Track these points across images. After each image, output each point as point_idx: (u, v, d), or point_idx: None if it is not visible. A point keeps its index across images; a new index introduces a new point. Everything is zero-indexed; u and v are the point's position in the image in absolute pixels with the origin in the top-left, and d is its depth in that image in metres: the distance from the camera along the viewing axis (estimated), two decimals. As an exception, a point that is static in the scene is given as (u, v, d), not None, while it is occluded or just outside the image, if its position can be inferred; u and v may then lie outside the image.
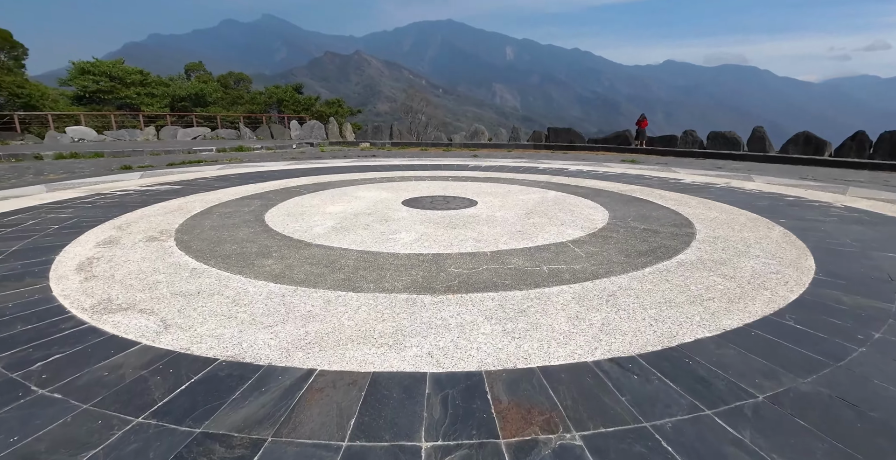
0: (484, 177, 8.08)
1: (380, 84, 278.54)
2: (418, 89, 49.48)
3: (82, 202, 5.73)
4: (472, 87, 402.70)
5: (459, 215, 4.83)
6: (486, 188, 6.79)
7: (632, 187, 7.01)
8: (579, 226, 4.41)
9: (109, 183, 7.45)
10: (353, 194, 6.15)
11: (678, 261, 3.34)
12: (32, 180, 8.19)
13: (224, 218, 4.75)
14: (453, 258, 3.37)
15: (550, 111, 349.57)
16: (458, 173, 8.69)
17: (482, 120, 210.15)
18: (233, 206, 5.37)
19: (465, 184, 7.25)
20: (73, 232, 4.23)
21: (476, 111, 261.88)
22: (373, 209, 5.13)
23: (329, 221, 4.54)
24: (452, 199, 5.78)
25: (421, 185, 7.01)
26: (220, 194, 6.26)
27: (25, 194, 6.39)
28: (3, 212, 5.09)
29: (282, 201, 5.67)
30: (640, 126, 16.27)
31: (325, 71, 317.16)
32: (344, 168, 9.58)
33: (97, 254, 3.54)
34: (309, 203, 5.53)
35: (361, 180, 7.60)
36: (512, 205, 5.47)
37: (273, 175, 8.37)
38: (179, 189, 6.81)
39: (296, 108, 25.78)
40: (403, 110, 40.89)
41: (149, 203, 5.67)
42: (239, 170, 9.30)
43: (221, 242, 3.82)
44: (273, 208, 5.23)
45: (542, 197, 6.06)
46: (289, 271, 3.09)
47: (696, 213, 5.02)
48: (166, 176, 8.31)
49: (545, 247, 3.67)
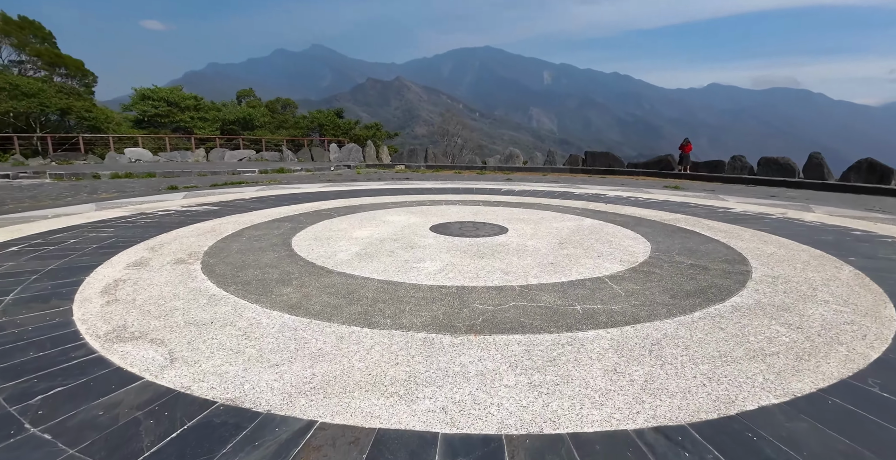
0: (516, 202, 7.86)
1: (418, 108, 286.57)
2: (455, 113, 50.34)
3: (125, 221, 5.94)
4: (508, 110, 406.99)
5: (488, 243, 4.62)
6: (518, 214, 6.56)
7: (676, 216, 6.58)
8: (618, 259, 4.09)
9: (154, 203, 7.76)
10: (382, 218, 6.08)
11: (733, 304, 2.97)
12: (86, 198, 8.67)
13: (252, 241, 4.75)
14: (478, 292, 3.15)
15: (588, 134, 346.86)
16: (490, 198, 8.52)
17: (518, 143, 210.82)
18: (263, 229, 5.39)
19: (497, 209, 7.05)
20: (108, 252, 4.33)
21: (512, 134, 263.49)
22: (399, 234, 5.00)
23: (354, 247, 4.44)
24: (482, 226, 5.59)
25: (451, 210, 6.87)
26: (253, 216, 6.34)
27: (76, 212, 6.72)
28: (50, 230, 5.32)
29: (311, 224, 5.65)
30: (684, 150, 15.64)
31: (367, 96, 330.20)
32: (376, 191, 9.62)
33: (125, 276, 3.56)
34: (337, 227, 5.48)
35: (392, 204, 7.55)
36: (544, 233, 5.20)
37: (307, 197, 8.48)
38: (217, 210, 6.98)
39: (336, 131, 26.70)
40: (440, 133, 41.58)
41: (185, 223, 5.80)
42: (276, 191, 9.52)
43: (245, 267, 3.78)
44: (301, 232, 5.21)
45: (577, 225, 5.76)
46: (305, 301, 2.97)
47: (750, 248, 4.58)
48: (207, 196, 8.59)
49: (580, 282, 3.38)
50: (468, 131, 42.60)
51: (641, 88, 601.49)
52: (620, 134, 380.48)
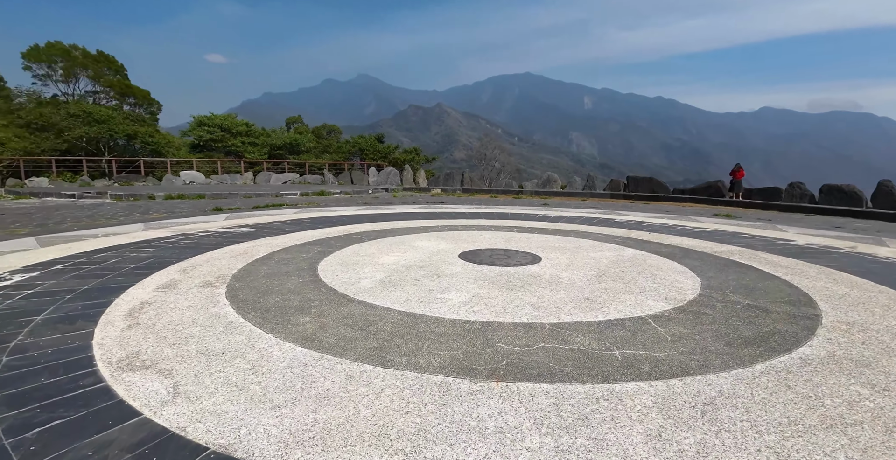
0: (552, 229, 7.55)
1: (458, 133, 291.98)
2: (493, 137, 50.71)
3: (166, 242, 6.13)
4: (547, 135, 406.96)
5: (519, 274, 4.36)
6: (553, 242, 6.26)
7: (728, 248, 6.06)
8: (663, 295, 3.72)
9: (197, 224, 8.04)
10: (411, 243, 5.95)
11: (801, 356, 2.56)
12: (137, 218, 9.15)
13: (280, 265, 4.73)
14: (504, 329, 2.90)
15: (630, 159, 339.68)
16: (525, 223, 8.25)
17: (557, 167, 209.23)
18: (293, 252, 5.39)
19: (531, 236, 6.78)
20: (143, 273, 4.41)
21: (551, 158, 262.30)
22: (427, 261, 4.84)
23: (379, 273, 4.31)
24: (514, 254, 5.33)
25: (483, 236, 6.66)
26: (286, 239, 6.40)
27: (125, 232, 7.05)
28: (96, 249, 5.56)
29: (340, 249, 5.61)
30: (736, 176, 14.79)
31: (409, 122, 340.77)
32: (409, 214, 9.58)
33: (152, 299, 3.57)
34: (365, 251, 5.40)
35: (423, 228, 7.45)
36: (581, 263, 4.88)
37: (341, 220, 8.55)
38: (254, 232, 7.11)
39: (376, 155, 27.45)
40: (477, 157, 41.88)
41: (221, 245, 5.91)
42: (312, 214, 9.68)
43: (268, 292, 3.71)
44: (329, 256, 5.16)
45: (617, 255, 5.40)
46: (321, 333, 2.82)
47: (817, 287, 4.07)
48: (247, 218, 8.84)
49: (619, 322, 3.06)
50: (506, 155, 42.68)
51: (687, 112, 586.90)
52: (665, 159, 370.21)
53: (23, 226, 8.19)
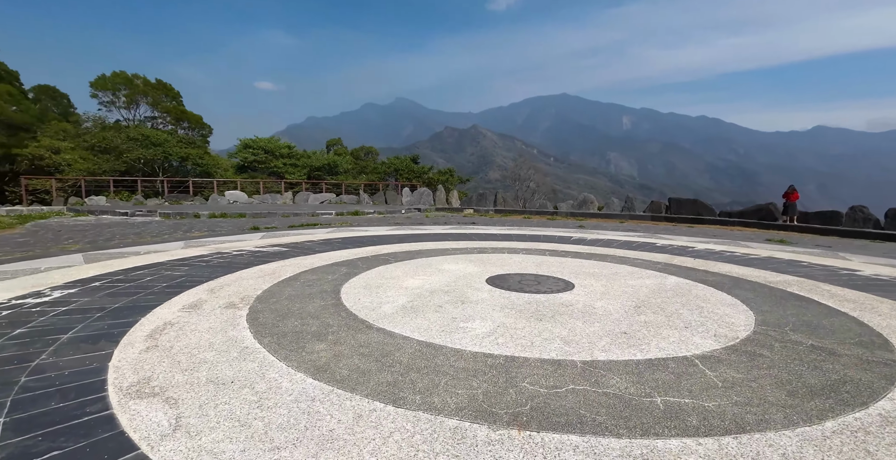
0: (587, 253, 7.20)
1: (493, 154, 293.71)
2: (527, 158, 50.48)
3: (200, 260, 6.27)
4: (584, 155, 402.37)
5: (550, 302, 4.09)
6: (589, 267, 5.93)
7: (785, 277, 5.52)
8: (711, 332, 3.35)
9: (233, 242, 8.24)
10: (438, 266, 5.79)
11: (881, 412, 2.17)
12: (180, 236, 9.51)
13: (305, 286, 4.68)
14: (530, 366, 2.65)
15: (672, 179, 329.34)
16: (559, 246, 7.93)
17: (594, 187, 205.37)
18: (320, 273, 5.35)
19: (564, 260, 6.47)
20: (173, 291, 4.47)
21: (588, 179, 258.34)
22: (452, 286, 4.65)
23: (402, 298, 4.16)
24: (545, 279, 5.06)
25: (513, 259, 6.42)
26: (315, 259, 6.40)
27: (165, 249, 7.29)
28: (135, 267, 5.74)
29: (366, 270, 5.52)
30: (789, 199, 13.85)
31: (444, 143, 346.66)
32: (439, 235, 9.47)
33: (175, 319, 3.57)
34: (390, 274, 5.29)
35: (452, 250, 7.29)
36: (618, 292, 4.55)
37: (371, 240, 8.54)
38: (285, 251, 7.19)
39: (411, 175, 27.85)
40: (512, 178, 41.70)
41: (252, 264, 5.97)
42: (344, 234, 9.75)
43: (288, 315, 3.64)
44: (354, 278, 5.07)
45: (658, 283, 5.01)
46: (335, 363, 2.68)
47: (892, 326, 3.57)
48: (281, 237, 9.00)
49: (661, 362, 2.75)
50: (541, 175, 42.28)
51: (733, 132, 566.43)
52: (710, 179, 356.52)
53: (75, 242, 8.67)
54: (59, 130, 29.79)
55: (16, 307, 3.92)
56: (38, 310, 3.82)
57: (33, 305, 3.99)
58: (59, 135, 28.62)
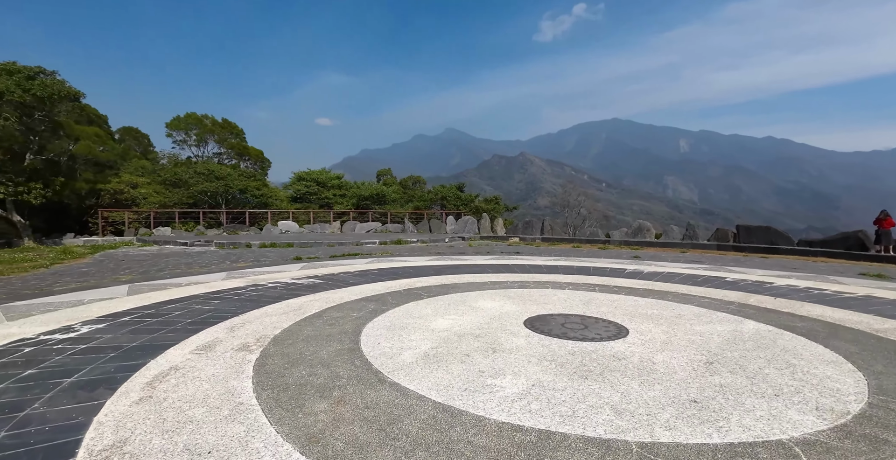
0: (644, 289, 6.41)
1: (541, 181, 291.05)
2: (576, 184, 49.13)
3: (234, 293, 6.19)
4: (638, 180, 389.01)
5: (598, 353, 3.47)
6: (646, 307, 5.19)
7: (894, 324, 4.51)
8: (811, 403, 2.60)
9: (272, 273, 8.23)
10: (473, 303, 5.30)
11: None
12: (226, 266, 9.70)
13: (327, 325, 4.36)
14: (570, 447, 2.09)
15: (737, 204, 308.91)
16: (610, 281, 7.18)
17: (651, 213, 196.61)
18: (345, 310, 5.04)
19: (617, 298, 5.75)
20: (194, 329, 4.31)
21: (643, 204, 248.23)
22: (485, 328, 4.14)
23: (426, 343, 3.70)
24: (593, 322, 4.42)
25: (557, 296, 5.79)
26: (346, 293, 6.13)
27: (205, 281, 7.35)
28: (170, 300, 5.72)
29: (395, 307, 5.15)
30: (882, 226, 12.11)
31: (492, 171, 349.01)
32: (479, 267, 8.97)
33: (183, 363, 3.33)
34: (419, 312, 4.86)
35: (491, 284, 6.77)
36: (683, 341, 3.83)
37: (407, 272, 8.21)
38: (319, 284, 7.01)
39: (457, 203, 27.76)
40: (560, 204, 40.55)
41: (283, 298, 5.80)
42: (382, 264, 9.52)
43: (299, 362, 3.30)
44: (380, 316, 4.70)
45: (733, 330, 4.22)
46: (331, 430, 2.26)
47: None
48: (320, 268, 8.90)
49: (747, 449, 2.08)
50: (591, 201, 40.80)
51: (805, 152, 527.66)
52: (780, 204, 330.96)
53: (130, 272, 9.05)
54: (139, 167, 32.87)
55: (40, 343, 3.88)
56: (58, 348, 3.74)
57: (57, 341, 3.94)
58: (138, 172, 31.52)
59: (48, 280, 8.06)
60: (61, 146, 28.18)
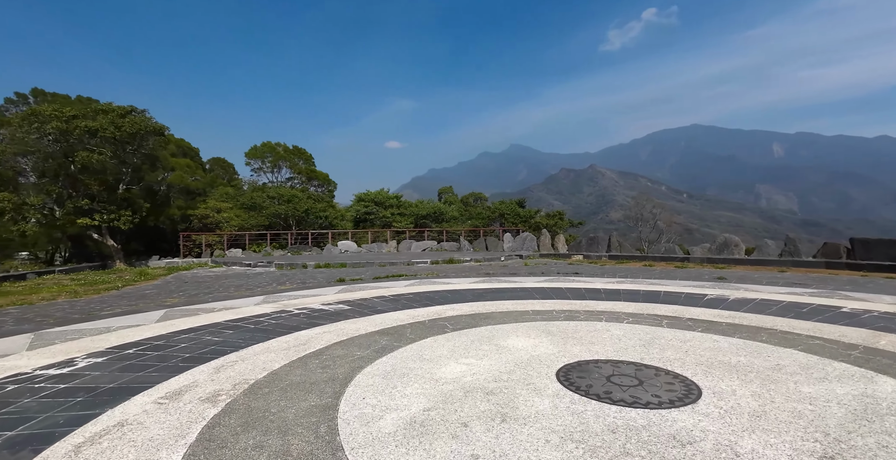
0: (728, 324, 5.09)
1: (613, 193, 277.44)
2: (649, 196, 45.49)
3: (253, 322, 5.85)
4: (724, 190, 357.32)
5: (652, 430, 2.46)
6: (729, 351, 3.97)
7: None
8: None
9: (306, 298, 7.91)
10: (502, 341, 4.41)
11: None
12: (270, 289, 9.63)
13: (320, 368, 3.74)
14: None
15: (847, 214, 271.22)
16: (684, 311, 5.87)
17: (741, 225, 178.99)
18: (352, 347, 4.40)
19: (691, 336, 4.54)
20: (182, 367, 3.91)
21: (732, 216, 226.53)
22: (503, 381, 3.26)
23: (420, 401, 2.92)
24: (653, 376, 3.35)
25: (611, 332, 4.70)
26: (365, 323, 5.53)
27: (238, 306, 7.17)
28: (189, 328, 5.48)
29: (409, 344, 4.41)
30: None
31: (560, 185, 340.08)
32: (527, 291, 7.97)
33: (134, 417, 2.86)
34: (433, 353, 4.07)
35: (533, 313, 5.80)
36: (785, 413, 2.67)
37: (444, 297, 7.46)
38: (345, 310, 6.50)
39: (516, 220, 26.63)
40: (633, 218, 37.65)
41: (297, 329, 5.34)
42: (422, 287, 8.86)
43: (254, 425, 2.67)
44: (386, 356, 3.99)
45: (862, 394, 2.94)
46: None
47: None
48: (356, 292, 8.46)
49: None
50: (668, 214, 37.40)
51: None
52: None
53: (182, 295, 9.26)
54: (224, 193, 35.79)
55: (28, 380, 3.67)
56: (38, 387, 3.48)
57: (45, 378, 3.70)
58: (223, 198, 34.30)
59: (107, 303, 8.40)
60: (157, 176, 31.47)
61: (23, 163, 17.37)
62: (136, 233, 33.50)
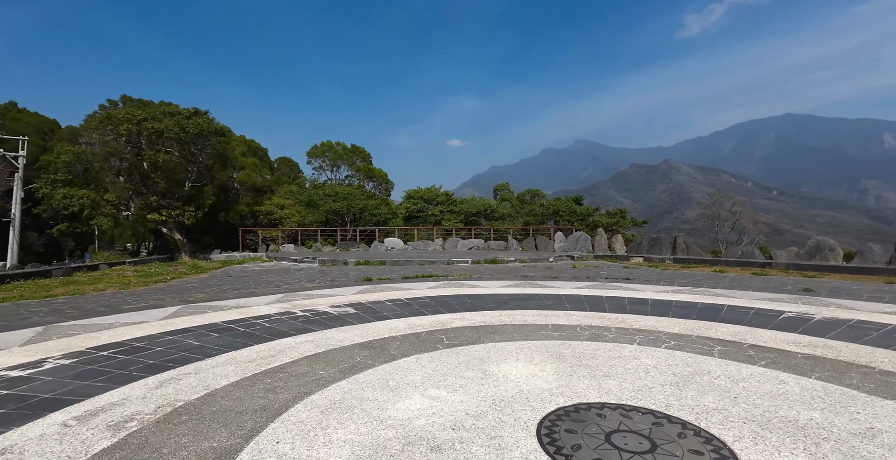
0: (805, 355, 3.87)
1: (690, 190, 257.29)
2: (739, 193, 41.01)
3: (248, 324, 5.52)
4: (823, 186, 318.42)
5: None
6: (799, 401, 2.86)
7: None
8: None
9: (321, 298, 7.55)
10: (492, 367, 3.60)
11: None
12: (297, 287, 9.45)
13: (263, 392, 3.20)
14: None
15: None
16: (748, 334, 4.65)
17: (842, 226, 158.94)
18: (318, 364, 3.83)
19: (749, 372, 3.43)
20: (128, 378, 3.57)
21: (832, 215, 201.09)
22: (461, 432, 2.47)
23: (336, 458, 2.24)
24: (674, 437, 2.39)
25: (640, 360, 3.71)
26: (353, 332, 4.96)
27: (250, 305, 6.95)
28: (178, 329, 5.25)
29: (380, 365, 3.75)
30: None
31: (629, 182, 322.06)
32: (559, 299, 6.99)
33: (22, 445, 2.48)
34: (397, 380, 3.36)
35: (551, 329, 4.89)
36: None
37: (462, 303, 6.72)
38: (348, 315, 6.01)
39: (571, 218, 24.98)
40: (708, 217, 34.11)
41: (285, 335, 4.91)
42: (443, 291, 8.17)
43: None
44: (344, 381, 3.36)
45: None
46: None
47: None
48: (375, 293, 7.98)
49: None
50: (751, 213, 33.38)
51: None
52: None
53: (214, 289, 9.36)
54: (288, 191, 37.53)
55: (-21, 383, 3.50)
56: (-22, 393, 3.28)
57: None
58: (286, 195, 35.94)
59: (143, 296, 8.63)
60: (227, 175, 33.58)
61: (105, 164, 19.04)
62: (209, 229, 36.08)
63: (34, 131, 30.31)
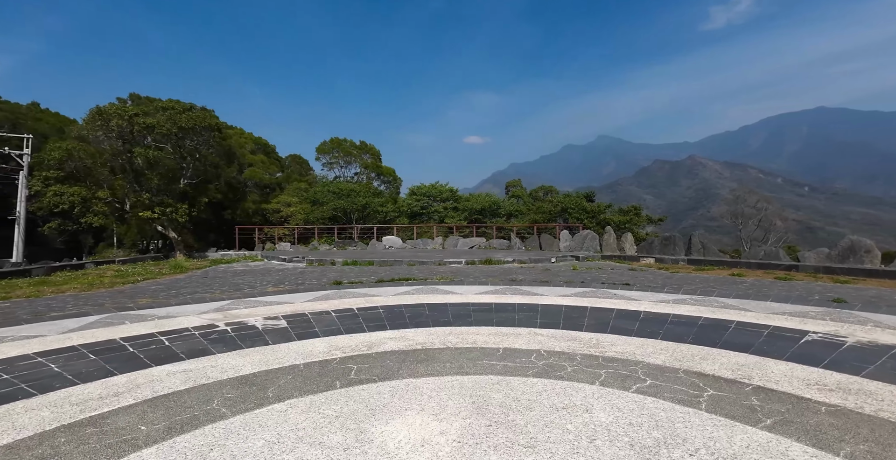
0: (831, 407, 2.73)
1: (716, 186, 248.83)
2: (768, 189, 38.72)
3: (150, 341, 4.67)
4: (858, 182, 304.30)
5: None
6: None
7: None
8: None
9: (267, 306, 6.69)
10: (377, 425, 2.59)
11: None
12: (257, 291, 8.62)
13: (105, 435, 2.28)
14: None
15: None
16: (754, 368, 3.51)
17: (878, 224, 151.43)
18: (156, 411, 2.89)
19: (745, 441, 2.33)
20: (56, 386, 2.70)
21: (867, 212, 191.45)
22: None
23: None
24: None
25: (589, 417, 2.63)
26: (255, 357, 4.03)
27: (182, 314, 6.14)
28: (61, 348, 4.41)
29: (231, 416, 2.79)
30: None
31: (653, 178, 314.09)
32: (535, 310, 5.90)
33: None
34: (223, 451, 2.40)
35: (498, 357, 3.84)
36: None
37: (416, 316, 5.72)
38: (276, 330, 5.10)
39: (581, 215, 23.60)
40: (732, 214, 32.14)
41: (169, 360, 4.06)
42: (409, 299, 7.17)
43: None
44: (153, 447, 2.42)
45: None
46: None
47: None
48: (328, 301, 7.06)
49: None
50: (778, 209, 31.26)
51: None
52: None
53: (174, 293, 8.63)
54: (296, 188, 37.10)
55: None
56: None
57: None
58: (294, 193, 35.49)
59: (93, 300, 7.98)
60: (233, 172, 33.29)
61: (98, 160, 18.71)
62: (215, 226, 35.97)
63: (54, 131, 30.61)
